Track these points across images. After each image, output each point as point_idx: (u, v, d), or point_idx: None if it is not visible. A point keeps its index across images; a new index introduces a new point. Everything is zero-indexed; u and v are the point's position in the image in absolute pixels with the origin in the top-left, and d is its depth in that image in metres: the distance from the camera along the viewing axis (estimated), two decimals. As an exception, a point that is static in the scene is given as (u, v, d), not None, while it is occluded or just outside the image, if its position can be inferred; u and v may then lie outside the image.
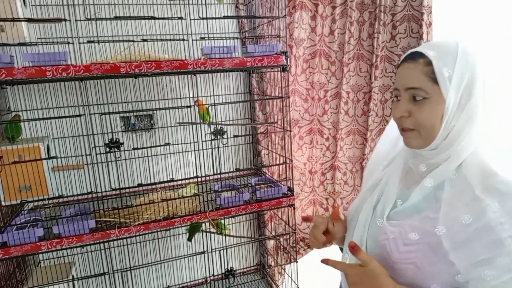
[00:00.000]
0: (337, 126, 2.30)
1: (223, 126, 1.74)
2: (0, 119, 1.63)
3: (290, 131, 1.93)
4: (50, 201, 1.71)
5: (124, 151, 1.80)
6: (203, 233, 1.97)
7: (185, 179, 1.88)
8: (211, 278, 2.13)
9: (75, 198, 1.83)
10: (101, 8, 1.78)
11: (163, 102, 1.96)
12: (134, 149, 1.73)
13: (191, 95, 1.98)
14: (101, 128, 1.69)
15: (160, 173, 2.03)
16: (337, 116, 2.29)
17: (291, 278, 2.08)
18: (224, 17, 1.85)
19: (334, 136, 2.33)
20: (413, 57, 0.83)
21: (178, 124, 1.93)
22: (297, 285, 2.03)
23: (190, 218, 1.66)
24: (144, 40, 1.67)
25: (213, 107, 1.85)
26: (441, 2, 2.19)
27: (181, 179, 1.89)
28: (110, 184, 1.71)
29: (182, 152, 2.00)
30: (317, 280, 2.11)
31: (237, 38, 2.04)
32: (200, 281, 2.17)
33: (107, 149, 1.57)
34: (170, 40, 1.73)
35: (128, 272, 1.96)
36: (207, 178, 1.85)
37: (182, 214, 1.66)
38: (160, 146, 1.81)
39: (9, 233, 1.43)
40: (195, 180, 1.92)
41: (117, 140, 1.58)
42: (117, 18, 1.60)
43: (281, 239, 2.28)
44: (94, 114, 1.73)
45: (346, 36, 2.17)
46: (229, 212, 1.72)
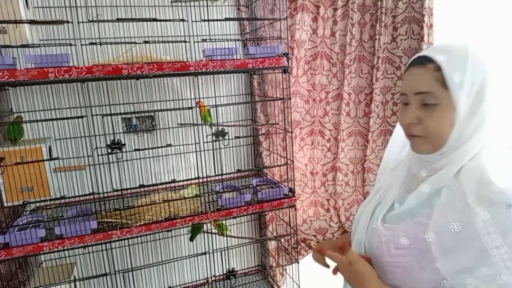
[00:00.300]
0: (339, 128, 2.30)
1: (225, 127, 1.74)
2: (3, 121, 1.64)
3: (292, 132, 1.93)
4: (52, 202, 1.71)
5: (126, 152, 1.81)
6: (205, 234, 1.97)
7: (187, 180, 1.88)
8: (213, 279, 2.13)
9: (77, 199, 1.83)
10: (103, 10, 1.79)
11: (165, 104, 1.97)
12: (136, 150, 1.73)
13: (193, 97, 1.99)
14: (103, 129, 1.70)
15: (162, 174, 2.03)
16: (339, 118, 2.30)
17: (293, 279, 2.08)
18: (226, 19, 1.86)
19: (336, 138, 2.33)
20: (422, 62, 0.80)
21: (180, 125, 1.93)
22: (299, 286, 2.04)
23: (192, 219, 1.66)
24: (146, 42, 1.67)
25: (215, 109, 1.86)
26: (442, 4, 2.19)
27: (183, 180, 1.89)
28: (112, 185, 1.71)
29: (184, 153, 2.00)
30: (319, 281, 2.11)
31: (239, 40, 2.04)
32: (202, 282, 2.17)
33: (109, 150, 1.58)
34: (172, 42, 1.74)
35: (130, 273, 1.97)
36: (209, 179, 1.85)
37: (184, 215, 1.67)
38: (162, 147, 1.81)
39: (11, 234, 1.44)
40: (197, 181, 1.92)
41: (119, 141, 1.59)
42: (119, 20, 1.61)
43: (282, 240, 2.28)
44: (96, 116, 1.73)
45: (348, 38, 2.17)
46: (231, 213, 1.72)
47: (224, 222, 1.83)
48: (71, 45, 1.59)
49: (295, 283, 2.05)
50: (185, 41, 1.72)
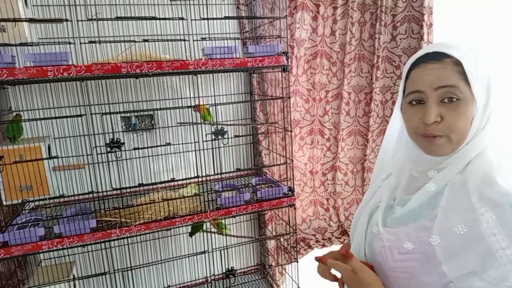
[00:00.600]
0: (338, 127, 2.30)
1: (224, 126, 1.74)
2: (2, 119, 1.64)
3: (291, 132, 1.93)
4: (51, 201, 1.71)
5: (125, 151, 1.80)
6: (204, 233, 1.97)
7: (186, 179, 1.88)
8: (212, 278, 2.13)
9: (76, 198, 1.83)
10: (103, 9, 1.78)
11: (164, 102, 1.97)
12: (135, 149, 1.73)
13: (192, 95, 1.99)
14: (102, 128, 1.69)
15: (161, 173, 2.03)
16: (338, 117, 2.29)
17: (292, 278, 2.08)
18: (225, 18, 1.85)
19: (335, 137, 2.33)
20: (437, 57, 0.78)
21: (179, 124, 1.93)
22: (298, 285, 2.03)
23: (191, 218, 1.66)
24: (145, 41, 1.67)
25: (214, 107, 1.86)
26: (442, 3, 2.19)
27: (182, 179, 1.89)
28: (111, 184, 1.71)
29: (183, 152, 2.00)
30: (318, 280, 2.11)
31: (238, 39, 2.04)
32: (201, 281, 2.17)
33: (108, 149, 1.58)
34: (171, 41, 1.74)
35: (129, 272, 1.97)
36: (208, 178, 1.85)
37: (183, 214, 1.66)
38: (161, 146, 1.81)
39: (10, 233, 1.44)
40: (196, 180, 1.92)
41: (118, 140, 1.59)
42: (119, 19, 1.61)
43: (282, 239, 2.28)
44: (95, 114, 1.73)
45: (347, 37, 2.17)
46: (230, 212, 1.72)
47: (223, 221, 1.83)
48: (70, 44, 1.59)
49: (294, 282, 2.04)
50: (185, 40, 1.72)
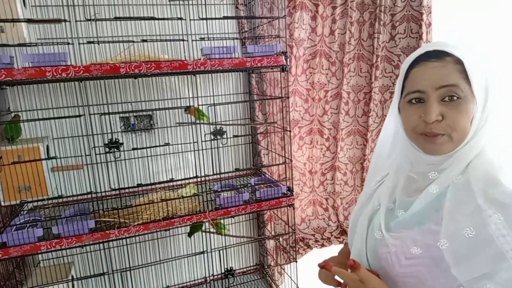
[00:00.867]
0: (338, 127, 2.30)
1: (223, 126, 1.74)
2: (0, 120, 1.63)
3: (290, 131, 1.93)
4: (50, 201, 1.71)
5: (124, 151, 1.80)
6: (203, 233, 1.97)
7: (185, 179, 1.88)
8: (211, 278, 2.13)
9: (75, 198, 1.83)
10: (101, 9, 1.78)
11: (163, 103, 1.96)
12: (134, 149, 1.73)
13: (191, 95, 1.98)
14: (101, 129, 1.69)
15: (160, 173, 2.03)
16: (338, 117, 2.29)
17: (291, 278, 2.08)
18: (224, 18, 1.85)
19: (335, 137, 2.33)
20: (438, 56, 0.78)
21: (178, 124, 1.93)
22: (297, 285, 2.03)
23: (190, 218, 1.66)
24: (144, 41, 1.66)
25: (213, 107, 1.85)
26: (441, 2, 2.19)
27: (181, 179, 1.89)
28: (110, 184, 1.71)
29: (182, 152, 2.00)
30: (317, 280, 2.11)
31: (237, 39, 2.03)
32: (200, 281, 2.17)
33: (107, 150, 1.57)
34: (170, 41, 1.73)
35: (128, 272, 1.96)
36: (207, 178, 1.85)
37: (182, 214, 1.66)
38: (160, 146, 1.81)
39: (9, 233, 1.43)
40: (195, 180, 1.92)
41: (117, 141, 1.58)
42: (117, 19, 1.60)
43: (281, 239, 2.28)
44: (94, 115, 1.73)
45: (347, 36, 2.17)
46: (229, 212, 1.72)
47: (222, 221, 1.83)
48: (69, 44, 1.58)
49: (293, 282, 2.04)
50: (183, 40, 1.72)
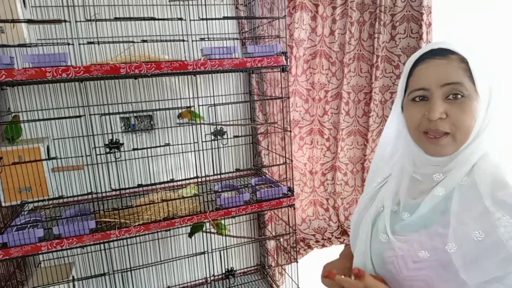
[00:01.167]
0: (338, 127, 2.30)
1: (223, 127, 1.74)
2: (0, 120, 1.64)
3: (290, 132, 1.93)
4: (50, 202, 1.71)
5: (124, 152, 1.80)
6: (203, 234, 1.97)
7: (185, 180, 1.88)
8: (212, 279, 2.13)
9: (75, 199, 1.83)
10: (101, 9, 1.78)
11: (163, 103, 1.96)
12: (134, 150, 1.73)
13: (191, 96, 1.99)
14: (101, 129, 1.69)
15: (160, 174, 2.03)
16: (338, 117, 2.29)
17: (292, 278, 2.08)
18: (224, 18, 1.85)
19: (335, 137, 2.33)
20: (443, 54, 0.77)
21: (178, 125, 1.93)
22: (298, 285, 2.03)
23: (190, 219, 1.66)
24: (144, 41, 1.67)
25: (213, 108, 1.85)
26: (441, 3, 2.18)
27: (181, 180, 1.89)
28: (110, 185, 1.71)
29: (182, 153, 2.00)
30: (318, 280, 2.11)
31: (237, 39, 2.04)
32: (201, 281, 2.17)
33: (107, 150, 1.57)
34: (170, 41, 1.73)
35: (129, 273, 1.97)
36: (207, 179, 1.85)
37: (182, 215, 1.66)
38: (160, 147, 1.81)
39: (9, 234, 1.44)
40: (195, 181, 1.92)
41: (117, 141, 1.58)
42: (117, 19, 1.60)
43: (282, 239, 2.28)
44: (94, 115, 1.73)
45: (347, 37, 2.17)
46: (229, 213, 1.72)
47: (223, 222, 1.83)
48: (69, 45, 1.58)
49: (294, 283, 2.04)
50: (183, 40, 1.72)
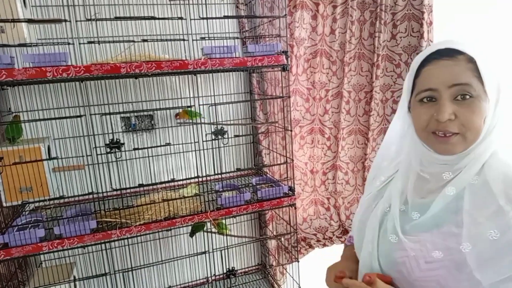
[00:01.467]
0: (339, 126, 2.30)
1: (224, 126, 1.74)
2: (1, 120, 1.63)
3: (291, 131, 1.92)
4: (51, 202, 1.71)
5: (125, 152, 1.80)
6: (205, 233, 1.96)
7: (186, 179, 1.88)
8: (213, 278, 2.13)
9: (76, 199, 1.83)
10: (101, 9, 1.78)
11: (164, 102, 1.96)
12: (135, 150, 1.73)
13: (192, 95, 1.98)
14: (102, 129, 1.69)
15: (161, 173, 2.03)
16: (339, 116, 2.29)
17: (293, 278, 2.08)
18: (224, 17, 1.85)
19: (336, 136, 2.32)
20: (450, 54, 0.77)
21: (179, 124, 1.93)
22: (299, 285, 2.03)
23: (191, 218, 1.66)
24: (145, 41, 1.66)
25: (214, 107, 1.85)
26: (442, 1, 2.18)
27: (182, 179, 1.89)
28: (111, 185, 1.71)
29: (183, 152, 2.00)
30: (319, 280, 2.11)
31: (238, 38, 2.03)
32: (202, 281, 2.17)
33: (108, 150, 1.57)
34: (171, 40, 1.73)
35: (130, 273, 1.97)
36: (208, 178, 1.85)
37: (183, 214, 1.66)
38: (161, 146, 1.81)
39: (10, 234, 1.43)
40: (196, 180, 1.91)
41: (118, 141, 1.58)
42: (117, 19, 1.60)
43: (283, 239, 2.27)
44: (95, 115, 1.73)
45: (347, 36, 2.16)
46: (230, 212, 1.72)
47: (224, 221, 1.83)
48: (69, 44, 1.58)
49: (295, 282, 2.04)
50: (184, 39, 1.71)
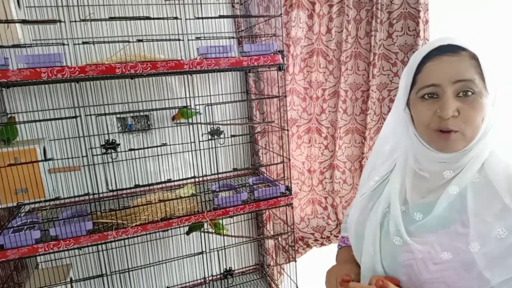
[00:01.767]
0: (336, 125, 2.30)
1: (220, 126, 1.73)
2: (-4, 122, 1.63)
3: (288, 130, 1.92)
4: (47, 203, 1.70)
5: (121, 152, 1.80)
6: (202, 233, 1.96)
7: (183, 180, 1.87)
8: (210, 278, 2.12)
9: (72, 200, 1.82)
10: (96, 9, 1.77)
11: (160, 103, 1.96)
12: (131, 150, 1.72)
13: (188, 95, 1.98)
14: (98, 129, 1.68)
15: (158, 174, 2.02)
16: (336, 115, 2.29)
17: (290, 278, 2.08)
18: (220, 17, 1.84)
19: (333, 135, 2.32)
20: (454, 50, 0.77)
21: (175, 125, 1.92)
22: (296, 284, 2.03)
23: (188, 219, 1.65)
24: (140, 41, 1.66)
25: (210, 107, 1.85)
26: (436, 2, 2.18)
27: (179, 180, 1.87)
28: (107, 186, 1.70)
29: (180, 153, 1.99)
30: (316, 279, 2.10)
31: (233, 38, 2.03)
32: (199, 281, 2.17)
33: (104, 150, 1.57)
34: (166, 40, 1.73)
35: (127, 273, 1.96)
36: (205, 178, 1.84)
37: (180, 215, 1.66)
38: (157, 147, 1.80)
39: (6, 236, 1.43)
40: (193, 181, 1.91)
41: (113, 141, 1.58)
42: (112, 19, 1.60)
43: (280, 239, 2.27)
44: (91, 115, 1.72)
45: (344, 35, 2.16)
46: (227, 212, 1.71)
47: (221, 222, 1.82)
48: (64, 45, 1.57)
49: (293, 282, 2.04)
50: (179, 39, 1.71)
